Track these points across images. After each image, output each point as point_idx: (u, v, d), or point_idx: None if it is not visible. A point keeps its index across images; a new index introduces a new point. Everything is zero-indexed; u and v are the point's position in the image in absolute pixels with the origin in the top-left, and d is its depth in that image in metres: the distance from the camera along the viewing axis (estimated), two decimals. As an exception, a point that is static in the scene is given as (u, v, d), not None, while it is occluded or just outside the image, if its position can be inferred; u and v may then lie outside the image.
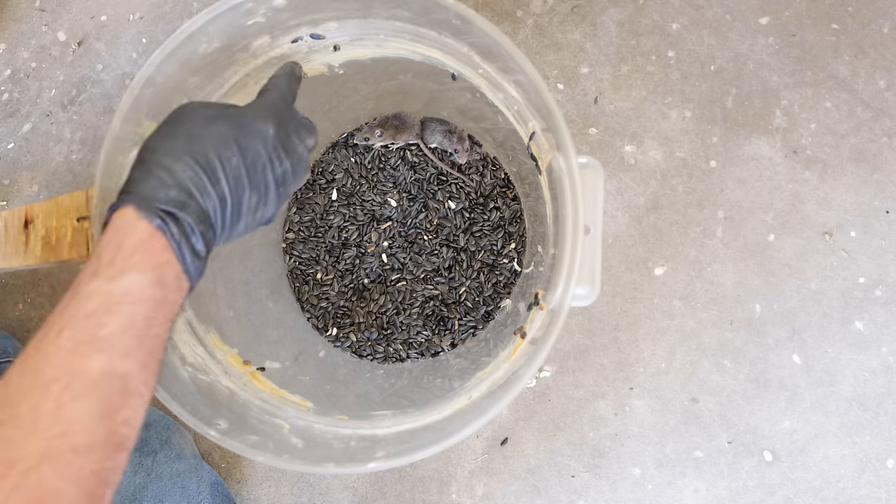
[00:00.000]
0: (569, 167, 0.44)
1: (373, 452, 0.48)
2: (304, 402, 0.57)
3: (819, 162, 0.87)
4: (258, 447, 0.47)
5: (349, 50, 0.60)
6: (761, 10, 0.91)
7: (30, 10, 0.97)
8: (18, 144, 0.93)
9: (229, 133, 0.41)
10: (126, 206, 0.37)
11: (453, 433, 0.45)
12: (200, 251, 0.39)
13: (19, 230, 0.47)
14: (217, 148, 0.40)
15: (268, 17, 0.52)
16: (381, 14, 0.54)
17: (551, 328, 0.45)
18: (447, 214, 0.81)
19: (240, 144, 0.41)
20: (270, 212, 0.45)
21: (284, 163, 0.44)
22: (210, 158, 0.40)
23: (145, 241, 0.36)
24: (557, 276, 0.45)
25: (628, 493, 0.82)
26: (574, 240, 0.44)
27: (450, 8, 0.47)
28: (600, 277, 0.46)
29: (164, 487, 0.69)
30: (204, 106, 0.43)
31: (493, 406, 0.45)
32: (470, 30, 0.48)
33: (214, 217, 0.40)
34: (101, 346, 0.33)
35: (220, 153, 0.40)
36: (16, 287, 0.91)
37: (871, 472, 0.81)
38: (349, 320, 0.80)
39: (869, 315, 0.84)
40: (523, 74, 0.47)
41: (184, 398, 0.47)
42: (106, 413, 0.33)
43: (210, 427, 0.47)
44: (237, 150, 0.41)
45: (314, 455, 0.49)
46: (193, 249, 0.38)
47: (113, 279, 0.35)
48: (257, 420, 0.52)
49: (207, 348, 0.55)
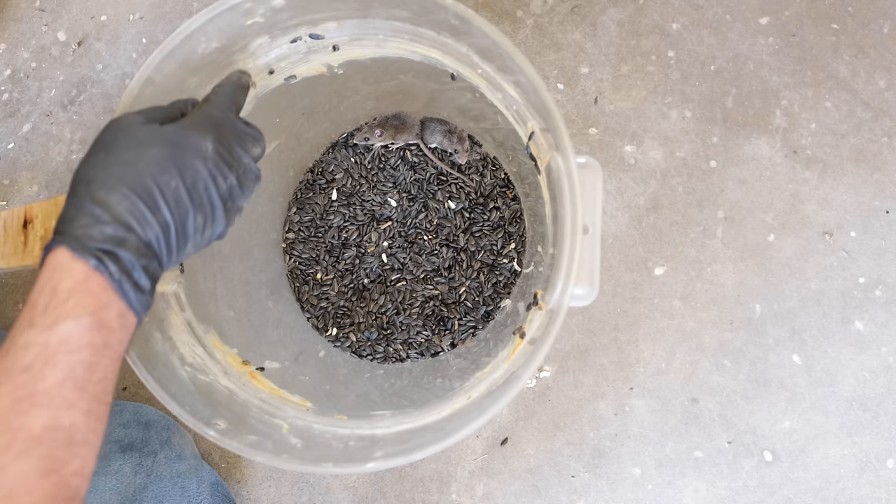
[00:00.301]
0: (567, 167, 0.44)
1: (371, 452, 0.48)
2: (303, 402, 0.57)
3: (819, 162, 0.87)
4: (257, 447, 0.47)
5: (348, 50, 0.60)
6: (761, 10, 0.91)
7: (30, 10, 0.97)
8: (18, 144, 0.93)
9: (165, 154, 0.39)
10: (59, 248, 0.35)
11: (452, 433, 0.44)
12: (144, 286, 0.37)
13: (18, 230, 0.47)
14: (153, 173, 0.38)
15: (267, 18, 0.52)
16: (380, 14, 0.54)
17: (550, 328, 0.44)
18: (447, 214, 0.81)
19: (178, 165, 0.39)
20: (220, 229, 0.43)
21: (229, 178, 0.42)
22: (147, 186, 0.37)
23: (82, 283, 0.35)
24: (556, 276, 0.44)
25: (628, 493, 0.82)
26: (573, 240, 0.43)
27: (448, 8, 0.46)
28: (599, 277, 0.46)
29: (164, 488, 0.69)
30: (135, 126, 0.40)
31: (491, 406, 0.45)
32: (469, 30, 0.48)
33: (158, 246, 0.38)
34: (41, 400, 0.32)
35: (157, 178, 0.38)
36: (16, 287, 0.91)
37: (871, 472, 0.81)
38: (349, 320, 0.80)
39: (869, 315, 0.84)
40: (522, 74, 0.47)
41: (183, 398, 0.47)
42: (52, 468, 0.32)
43: (209, 427, 0.46)
44: (175, 172, 0.38)
45: (313, 455, 0.49)
46: (137, 285, 0.37)
47: (49, 328, 0.33)
48: (256, 420, 0.52)
49: (207, 348, 0.55)
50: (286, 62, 0.59)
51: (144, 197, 0.37)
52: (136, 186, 0.37)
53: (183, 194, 0.39)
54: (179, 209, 0.39)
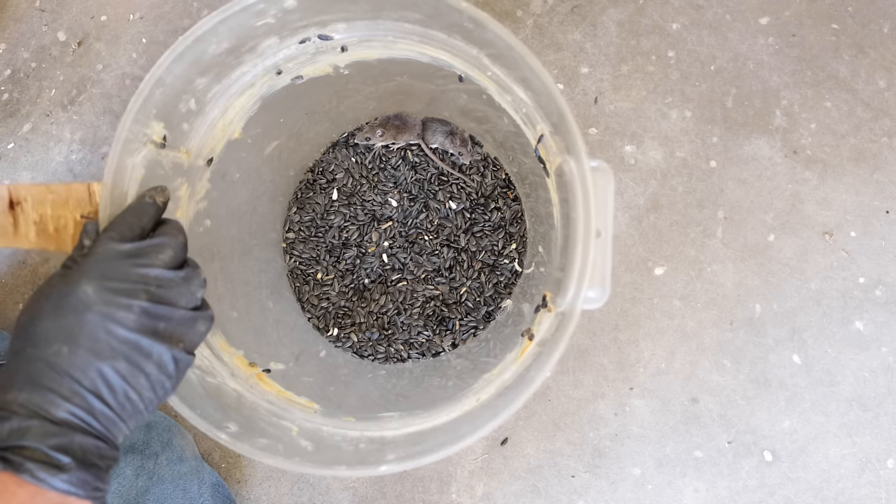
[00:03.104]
0: (581, 171, 0.44)
1: (383, 455, 0.48)
2: (310, 404, 0.56)
3: (819, 162, 0.87)
4: (268, 450, 0.46)
5: (356, 51, 0.60)
6: (761, 10, 0.91)
7: (30, 10, 0.97)
8: (18, 144, 0.93)
9: (49, 324, 0.37)
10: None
11: (465, 436, 0.44)
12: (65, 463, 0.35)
13: (4, 210, 0.46)
14: (42, 352, 0.36)
15: (278, 19, 0.52)
16: (390, 16, 0.54)
17: (562, 331, 0.44)
18: (448, 215, 0.81)
19: (65, 328, 0.37)
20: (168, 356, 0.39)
21: (135, 304, 0.38)
22: (38, 368, 0.36)
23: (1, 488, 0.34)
24: (569, 279, 0.44)
25: (628, 493, 0.82)
26: (586, 244, 0.43)
27: (463, 11, 0.46)
28: (611, 280, 0.46)
29: (165, 490, 0.69)
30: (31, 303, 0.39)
31: (504, 409, 0.44)
32: (483, 33, 0.48)
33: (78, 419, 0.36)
34: None
35: (45, 354, 0.36)
36: (16, 287, 0.91)
37: (871, 472, 0.81)
38: (350, 320, 0.80)
39: (869, 315, 0.84)
40: (536, 78, 0.46)
41: (193, 401, 0.46)
42: None
43: (220, 430, 0.46)
44: (64, 337, 0.36)
45: (325, 458, 0.48)
46: (57, 466, 0.35)
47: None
48: (266, 423, 0.52)
49: (214, 350, 0.55)
50: (294, 63, 0.59)
51: (38, 379, 0.36)
52: (30, 373, 0.36)
53: (81, 355, 0.36)
54: (87, 371, 0.36)
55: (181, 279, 0.40)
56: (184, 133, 0.54)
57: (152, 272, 0.39)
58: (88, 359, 0.36)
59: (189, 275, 0.41)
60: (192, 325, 0.41)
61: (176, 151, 0.53)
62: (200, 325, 0.42)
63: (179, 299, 0.40)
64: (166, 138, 0.51)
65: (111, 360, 0.37)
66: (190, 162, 0.55)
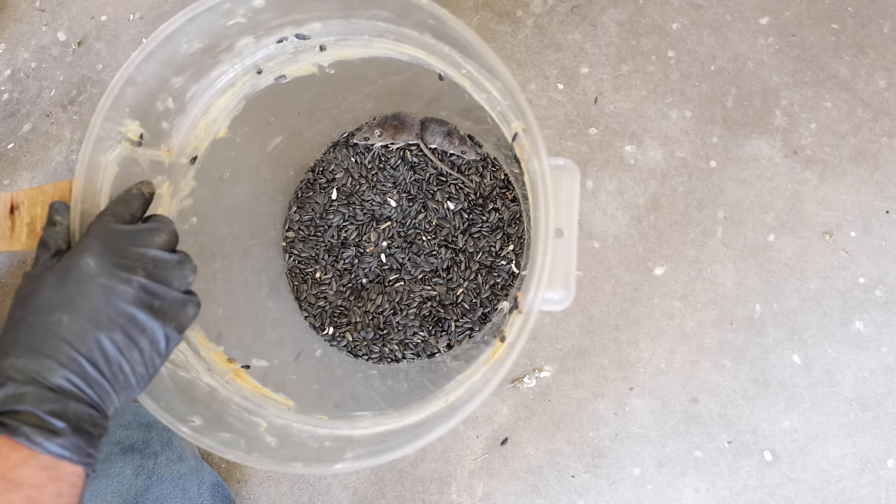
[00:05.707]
0: (541, 169, 0.43)
1: (343, 453, 0.48)
2: (286, 401, 0.56)
3: (819, 162, 0.87)
4: (229, 445, 0.46)
5: (336, 50, 0.59)
6: (761, 10, 0.91)
7: (30, 10, 0.97)
8: (18, 144, 0.93)
9: (51, 294, 0.38)
10: None
11: (421, 436, 0.44)
12: (59, 428, 0.36)
13: (5, 216, 0.48)
14: (43, 320, 0.38)
15: (249, 18, 0.52)
16: (362, 14, 0.53)
17: (521, 332, 0.43)
18: (446, 215, 0.81)
19: (66, 297, 0.38)
20: (161, 332, 0.41)
21: (134, 279, 0.40)
22: (37, 335, 0.37)
23: None
24: (528, 279, 0.43)
25: (628, 493, 0.82)
26: (545, 243, 0.42)
27: (424, 8, 0.46)
28: (575, 282, 0.45)
29: (165, 490, 0.69)
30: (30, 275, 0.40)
31: (459, 411, 0.44)
32: (445, 30, 0.47)
33: (74, 386, 0.37)
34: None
35: (46, 322, 0.37)
36: (15, 287, 0.91)
37: (871, 472, 0.81)
38: (346, 320, 0.80)
39: (869, 315, 0.84)
40: (498, 74, 0.46)
41: (159, 394, 0.47)
42: None
43: (183, 424, 0.46)
44: (65, 306, 0.38)
45: (284, 454, 0.48)
46: (52, 431, 0.36)
47: None
48: (234, 418, 0.52)
49: (191, 345, 0.55)
50: (274, 62, 0.59)
51: (36, 346, 0.37)
52: (29, 341, 0.37)
53: (80, 324, 0.38)
54: (85, 339, 0.38)
55: (176, 262, 0.43)
56: (163, 131, 0.54)
57: (150, 252, 0.41)
58: (87, 327, 0.38)
59: (182, 259, 0.44)
60: (184, 307, 0.43)
61: (155, 149, 0.53)
62: (190, 309, 0.44)
63: (173, 281, 0.42)
64: (143, 136, 0.51)
65: (109, 330, 0.38)
66: (171, 160, 0.55)
